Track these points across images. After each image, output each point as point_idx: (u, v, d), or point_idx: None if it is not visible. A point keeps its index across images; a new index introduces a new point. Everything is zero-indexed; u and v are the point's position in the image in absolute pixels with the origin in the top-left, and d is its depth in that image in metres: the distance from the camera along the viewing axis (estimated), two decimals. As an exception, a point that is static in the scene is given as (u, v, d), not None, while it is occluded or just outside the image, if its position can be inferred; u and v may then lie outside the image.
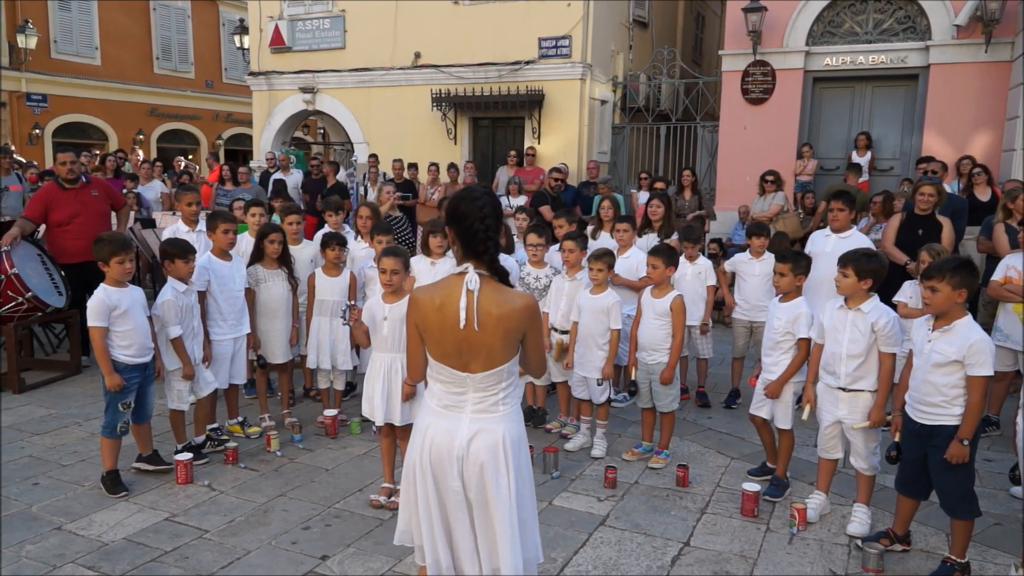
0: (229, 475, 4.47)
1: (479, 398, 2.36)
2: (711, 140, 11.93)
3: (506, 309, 2.29)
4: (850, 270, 3.72)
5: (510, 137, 12.74)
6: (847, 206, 5.30)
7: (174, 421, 4.58)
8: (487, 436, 2.35)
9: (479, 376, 2.34)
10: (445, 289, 2.35)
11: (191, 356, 4.46)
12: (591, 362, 4.82)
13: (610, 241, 5.94)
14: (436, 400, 2.42)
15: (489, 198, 2.35)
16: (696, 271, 5.78)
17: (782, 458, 4.30)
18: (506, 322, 2.29)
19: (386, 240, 5.14)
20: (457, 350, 2.33)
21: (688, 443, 5.11)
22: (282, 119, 14.23)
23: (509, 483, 2.35)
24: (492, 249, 2.31)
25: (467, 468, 2.35)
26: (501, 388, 2.37)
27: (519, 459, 2.40)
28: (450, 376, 2.37)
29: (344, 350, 5.26)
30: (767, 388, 4.17)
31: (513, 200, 9.77)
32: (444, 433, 2.37)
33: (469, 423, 2.36)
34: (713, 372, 6.74)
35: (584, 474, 4.56)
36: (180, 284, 4.41)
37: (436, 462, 2.38)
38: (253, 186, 10.32)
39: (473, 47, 12.28)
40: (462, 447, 2.34)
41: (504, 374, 2.36)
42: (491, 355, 2.32)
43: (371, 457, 4.76)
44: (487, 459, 2.33)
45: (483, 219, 2.29)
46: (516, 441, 2.39)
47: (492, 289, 2.30)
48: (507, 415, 2.39)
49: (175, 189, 9.38)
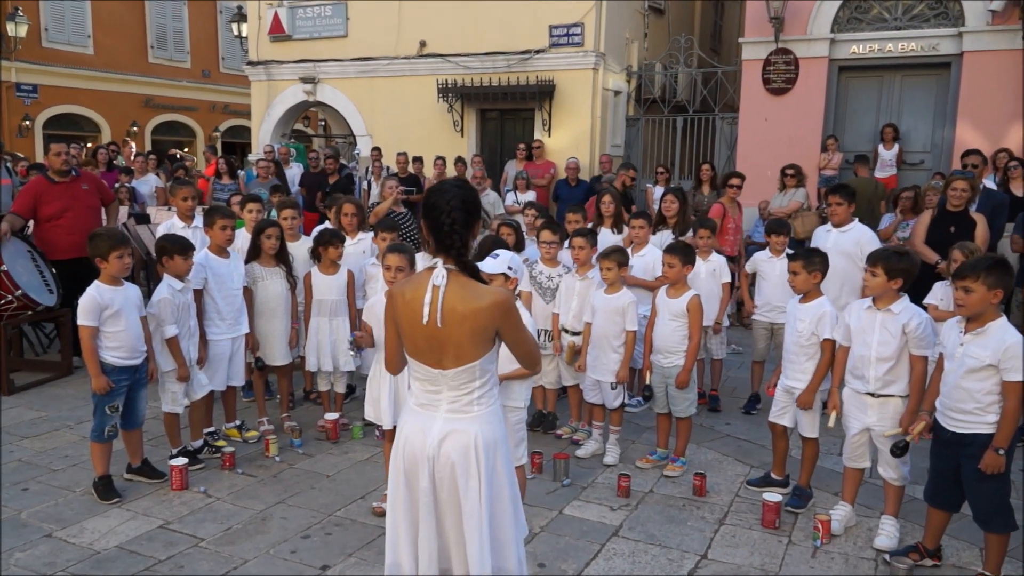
0: (226, 481, 4.48)
1: (453, 397, 2.40)
2: (730, 132, 11.89)
3: (472, 307, 2.31)
4: (879, 269, 3.69)
5: (519, 129, 12.73)
6: (845, 199, 5.40)
7: (169, 425, 4.60)
8: (459, 437, 2.38)
9: (451, 372, 2.37)
10: (414, 283, 2.41)
11: (186, 357, 4.48)
12: (605, 365, 4.81)
13: (612, 237, 5.92)
14: (414, 398, 2.49)
15: (459, 191, 2.38)
16: (710, 268, 5.77)
17: (805, 467, 4.28)
18: (472, 319, 2.32)
19: (391, 237, 5.15)
20: (428, 346, 2.38)
21: (705, 450, 5.09)
22: (282, 110, 14.26)
23: (480, 487, 2.37)
24: (459, 243, 2.35)
25: (438, 469, 2.39)
26: (475, 387, 2.40)
27: (493, 463, 2.41)
28: (424, 373, 2.43)
29: (345, 350, 5.27)
30: (799, 399, 4.14)
31: (521, 195, 9.78)
32: (418, 432, 2.42)
33: (443, 422, 2.40)
34: (732, 376, 6.72)
35: (596, 482, 4.55)
36: (177, 282, 4.43)
37: (409, 461, 2.43)
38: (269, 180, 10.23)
39: (481, 35, 12.27)
40: (433, 447, 2.39)
41: (477, 371, 2.39)
42: (460, 352, 2.35)
43: (374, 463, 4.77)
44: (457, 460, 2.37)
45: (450, 212, 2.33)
46: (490, 444, 2.41)
47: (459, 285, 2.34)
48: (482, 416, 2.42)
49: (170, 183, 9.41)
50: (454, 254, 2.35)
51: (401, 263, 3.97)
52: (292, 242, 5.51)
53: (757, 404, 5.90)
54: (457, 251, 2.35)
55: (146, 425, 4.54)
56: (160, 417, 4.72)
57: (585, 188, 10.34)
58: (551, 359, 5.20)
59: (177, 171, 11.42)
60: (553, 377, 5.30)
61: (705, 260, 5.79)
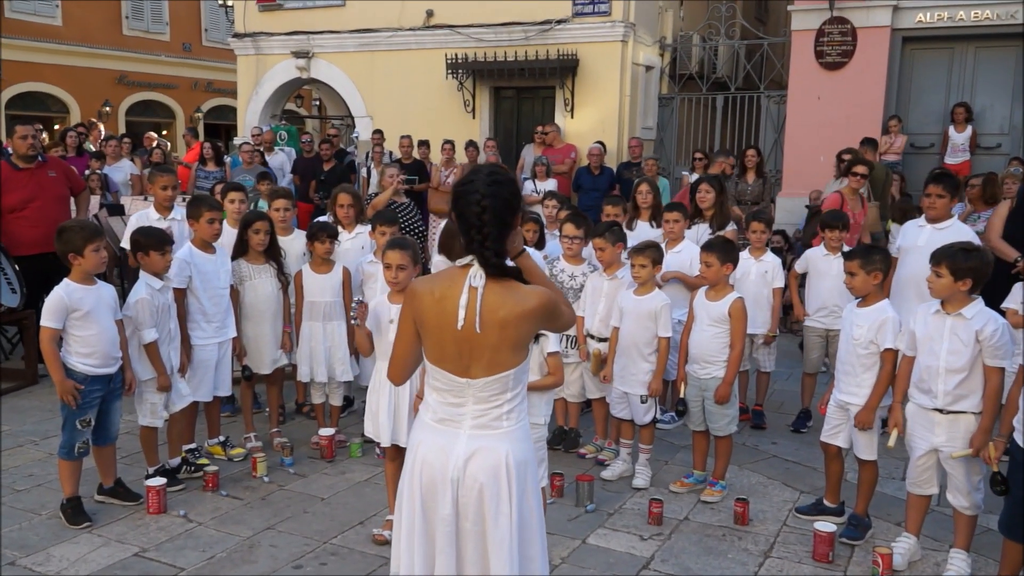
0: (209, 504, 4.51)
1: (480, 411, 2.38)
2: (778, 113, 11.83)
3: (516, 311, 2.31)
4: (944, 269, 3.67)
5: (538, 110, 12.73)
6: (948, 191, 5.25)
7: (146, 440, 4.63)
8: (487, 456, 2.37)
9: (480, 383, 2.36)
10: (447, 282, 2.38)
11: (167, 363, 4.51)
12: (634, 376, 4.80)
13: (649, 231, 5.91)
14: (431, 413, 2.46)
15: (493, 178, 2.35)
16: (761, 270, 5.74)
17: (863, 493, 4.25)
18: (516, 325, 2.32)
19: (390, 231, 5.16)
20: (457, 352, 2.36)
21: (748, 473, 5.08)
22: (271, 89, 14.36)
23: (511, 512, 2.36)
24: (493, 242, 2.32)
25: (463, 493, 2.37)
26: (506, 399, 2.39)
27: (525, 485, 2.41)
28: (447, 383, 2.40)
29: (342, 359, 5.29)
30: (857, 418, 4.11)
31: (541, 184, 9.77)
32: (437, 451, 2.39)
33: (467, 440, 2.38)
34: (779, 389, 6.69)
35: (624, 508, 4.55)
36: (155, 280, 4.46)
37: (427, 485, 2.40)
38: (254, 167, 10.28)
39: (495, 4, 12.29)
40: (457, 468, 2.36)
41: (510, 381, 2.38)
42: (495, 359, 2.35)
43: (374, 484, 4.79)
44: (487, 483, 2.35)
45: (480, 202, 2.30)
46: (522, 463, 2.40)
47: (500, 286, 2.33)
48: (512, 432, 2.41)
49: (148, 170, 9.49)
50: (487, 256, 2.32)
51: (403, 260, 3.97)
52: (284, 236, 5.54)
53: (808, 421, 5.87)
54: (492, 251, 2.32)
55: (119, 441, 4.57)
56: (135, 432, 4.75)
57: (609, 177, 10.32)
58: (574, 367, 5.19)
59: (153, 154, 11.50)
60: (576, 389, 5.30)
61: (757, 259, 5.76)
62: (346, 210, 5.85)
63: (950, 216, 5.35)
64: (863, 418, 4.09)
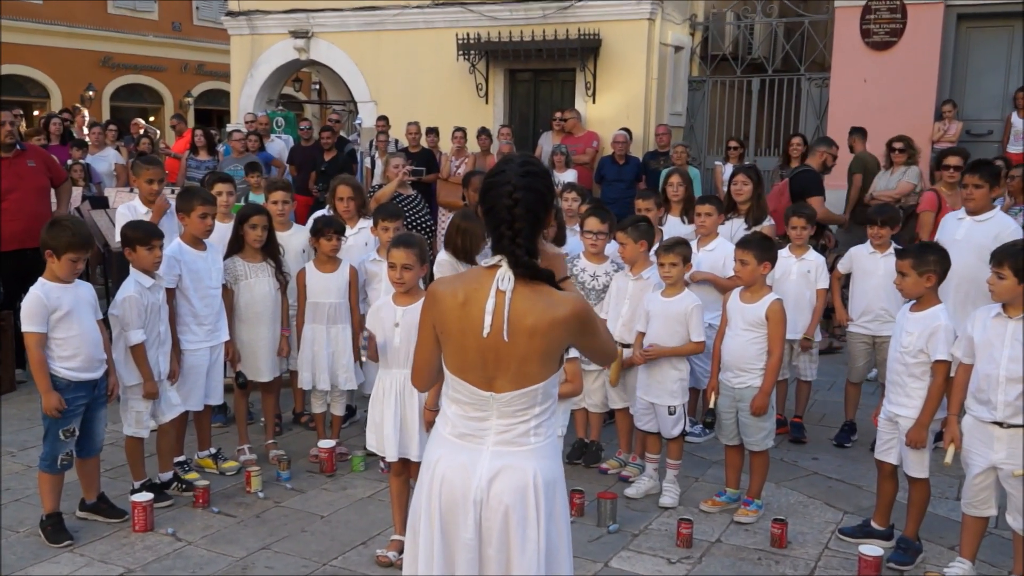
0: (199, 521, 4.53)
1: (505, 425, 2.38)
2: (820, 97, 11.78)
3: (547, 318, 2.30)
4: (1007, 269, 3.65)
5: (556, 94, 12.74)
6: (987, 180, 5.28)
7: (131, 452, 4.66)
8: (513, 475, 2.36)
9: (506, 397, 2.35)
10: (472, 284, 2.37)
11: (155, 369, 4.53)
12: (662, 384, 4.79)
13: (680, 227, 5.89)
14: (450, 427, 2.45)
15: (526, 169, 2.34)
16: (803, 269, 5.72)
17: (913, 514, 4.22)
18: (547, 334, 2.31)
19: (394, 226, 5.17)
20: (480, 361, 2.35)
21: (787, 491, 5.06)
22: (268, 71, 14.43)
23: (539, 537, 2.36)
24: (524, 240, 2.31)
25: (487, 515, 2.36)
26: (534, 414, 2.38)
27: (554, 506, 2.40)
28: (469, 395, 2.39)
29: (347, 365, 5.31)
30: (909, 436, 4.09)
31: (560, 175, 9.77)
32: (458, 469, 2.39)
33: (491, 457, 2.37)
34: (820, 399, 6.66)
35: (650, 528, 4.54)
36: (146, 278, 4.47)
37: (446, 506, 2.40)
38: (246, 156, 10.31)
39: (510, -22, 12.32)
40: (481, 488, 2.36)
41: (539, 396, 2.37)
42: (523, 371, 2.33)
43: (378, 501, 4.80)
44: (512, 504, 2.35)
45: (512, 195, 2.30)
46: (551, 482, 2.40)
47: (531, 290, 2.32)
48: (540, 449, 2.40)
49: (133, 160, 9.54)
50: (518, 255, 2.30)
51: (408, 260, 3.98)
52: (282, 231, 5.57)
53: (852, 435, 5.85)
54: (523, 249, 2.31)
55: (103, 453, 4.60)
56: (120, 443, 4.78)
57: (635, 167, 10.32)
58: (596, 375, 5.19)
59: (140, 143, 11.56)
60: (598, 398, 5.30)
61: (799, 258, 5.74)
62: (346, 203, 5.84)
63: (991, 207, 5.36)
64: (914, 436, 4.07)
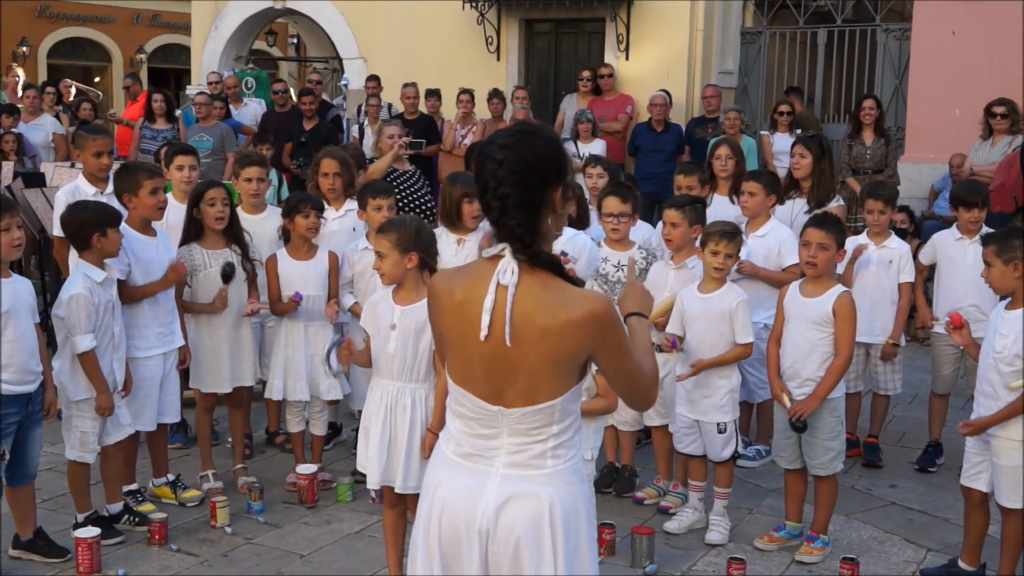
0: (155, 562, 4.56)
1: (517, 445, 2.40)
2: (899, 52, 11.74)
3: (558, 318, 2.31)
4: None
5: (582, 49, 12.73)
6: None
7: (74, 480, 4.68)
8: (526, 503, 2.38)
9: (516, 413, 2.37)
10: (471, 278, 2.41)
11: (108, 379, 4.52)
12: (708, 398, 4.80)
13: (729, 209, 5.88)
14: (453, 445, 2.48)
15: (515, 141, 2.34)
16: (884, 258, 5.69)
17: (1008, 551, 4.23)
18: (557, 338, 2.32)
19: (386, 204, 5.18)
20: (485, 371, 2.37)
21: (859, 525, 5.07)
22: (235, 23, 14.43)
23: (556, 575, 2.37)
24: (521, 224, 2.31)
25: (494, 549, 2.39)
26: (552, 433, 2.40)
27: (574, 540, 2.42)
28: (475, 409, 2.41)
29: (325, 373, 5.27)
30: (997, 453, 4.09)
31: (585, 146, 9.76)
32: (462, 494, 2.42)
33: (500, 481, 2.40)
34: (898, 415, 6.65)
35: (695, 570, 4.55)
36: (97, 271, 4.48)
37: (447, 537, 2.43)
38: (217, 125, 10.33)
39: (526, -90, 12.30)
40: (488, 517, 2.38)
41: (556, 413, 2.39)
42: (534, 384, 2.35)
43: (368, 537, 4.82)
44: (524, 535, 2.37)
45: (495, 174, 2.31)
46: (572, 513, 2.42)
47: (539, 285, 2.33)
48: (559, 473, 2.42)
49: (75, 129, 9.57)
50: (521, 243, 2.31)
51: (382, 247, 3.97)
52: (254, 215, 5.60)
53: (937, 457, 5.85)
54: (520, 236, 2.31)
55: (39, 480, 4.63)
56: (60, 468, 4.82)
57: (676, 135, 10.29)
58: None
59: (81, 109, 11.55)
60: (631, 414, 5.30)
61: (878, 246, 5.71)
62: (332, 180, 5.83)
63: None
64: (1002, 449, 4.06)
